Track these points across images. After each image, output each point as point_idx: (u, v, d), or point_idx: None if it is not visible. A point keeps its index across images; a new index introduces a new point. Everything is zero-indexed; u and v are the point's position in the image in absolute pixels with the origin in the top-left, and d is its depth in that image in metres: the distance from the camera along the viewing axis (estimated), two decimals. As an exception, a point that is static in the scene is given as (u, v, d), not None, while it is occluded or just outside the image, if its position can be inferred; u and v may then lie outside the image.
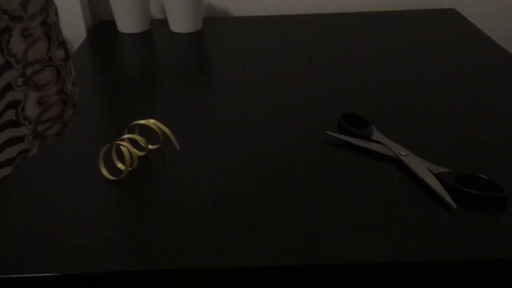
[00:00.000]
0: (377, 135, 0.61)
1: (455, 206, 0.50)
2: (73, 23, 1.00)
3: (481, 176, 0.53)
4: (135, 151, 0.58)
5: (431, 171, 0.55)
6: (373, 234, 0.48)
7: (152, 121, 0.60)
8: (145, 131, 0.60)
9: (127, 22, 1.01)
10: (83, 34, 1.01)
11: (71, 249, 0.47)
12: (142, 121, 0.60)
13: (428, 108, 0.71)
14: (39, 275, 0.45)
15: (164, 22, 1.04)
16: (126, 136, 0.58)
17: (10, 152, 0.30)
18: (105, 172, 0.56)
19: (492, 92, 0.75)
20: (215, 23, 1.06)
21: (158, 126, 0.59)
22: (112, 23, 1.04)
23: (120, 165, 0.57)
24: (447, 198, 0.51)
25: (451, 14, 1.07)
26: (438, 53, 0.89)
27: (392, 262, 0.45)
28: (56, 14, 0.31)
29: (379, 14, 1.08)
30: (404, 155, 0.57)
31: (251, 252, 0.47)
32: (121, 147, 0.56)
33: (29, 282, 0.45)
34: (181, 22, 1.00)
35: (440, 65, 0.85)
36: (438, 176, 0.54)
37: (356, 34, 1.00)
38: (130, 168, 0.57)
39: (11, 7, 0.27)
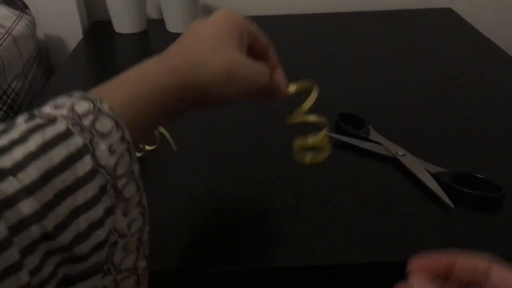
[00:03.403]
0: (374, 135, 0.62)
1: (452, 205, 0.50)
2: (69, 23, 1.00)
3: (478, 175, 0.54)
4: (132, 152, 0.57)
5: (428, 170, 0.55)
6: (370, 234, 0.48)
7: (149, 121, 0.59)
8: (142, 131, 0.60)
9: (123, 22, 1.01)
10: (79, 35, 1.01)
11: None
12: (139, 122, 0.60)
13: (425, 108, 0.71)
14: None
15: (160, 22, 1.04)
16: (123, 137, 0.58)
17: None
18: (102, 173, 0.56)
19: (489, 91, 0.75)
20: (212, 23, 1.06)
21: (155, 127, 0.59)
22: (108, 23, 1.04)
23: (117, 166, 0.57)
24: (444, 197, 0.51)
25: (448, 14, 1.07)
26: (434, 53, 0.89)
27: (389, 261, 0.46)
28: (149, 233, 0.36)
29: (376, 13, 1.08)
30: (401, 155, 0.57)
31: (250, 253, 0.47)
32: (118, 148, 0.56)
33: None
34: (177, 22, 1.00)
35: (436, 64, 0.85)
36: (435, 175, 0.54)
37: (352, 33, 1.00)
38: (127, 169, 0.57)
39: (120, 227, 0.33)
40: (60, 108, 0.32)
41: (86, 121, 0.32)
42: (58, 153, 0.30)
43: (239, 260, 0.46)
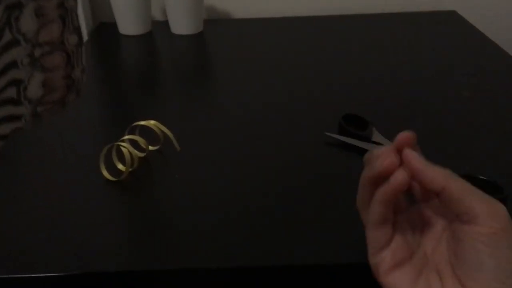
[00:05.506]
0: (377, 136, 0.62)
1: (454, 207, 0.50)
2: (74, 25, 1.01)
3: (481, 177, 0.53)
4: (135, 152, 0.58)
5: (431, 172, 0.54)
6: (373, 235, 0.48)
7: (152, 122, 0.60)
8: (146, 132, 0.60)
9: (128, 24, 1.01)
10: (84, 36, 1.02)
11: (71, 249, 0.47)
12: (142, 122, 0.60)
13: (427, 110, 0.71)
14: (38, 275, 0.45)
15: (165, 24, 1.04)
16: (126, 137, 0.59)
17: (4, 129, 0.29)
18: (105, 173, 0.57)
19: (492, 93, 0.75)
20: (216, 25, 1.07)
21: (158, 127, 0.60)
22: (113, 25, 1.04)
23: (120, 166, 0.58)
24: (447, 199, 0.51)
25: (452, 16, 1.07)
26: (438, 55, 0.89)
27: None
28: (75, 0, 0.30)
29: (380, 16, 1.09)
30: (404, 156, 0.57)
31: (251, 252, 0.47)
32: (122, 148, 0.56)
33: (28, 282, 0.45)
34: (182, 24, 1.01)
35: (440, 67, 0.85)
36: (437, 177, 0.54)
37: (357, 36, 1.00)
38: (130, 169, 0.57)
39: None
40: None
41: None
42: None
43: (241, 259, 0.46)
